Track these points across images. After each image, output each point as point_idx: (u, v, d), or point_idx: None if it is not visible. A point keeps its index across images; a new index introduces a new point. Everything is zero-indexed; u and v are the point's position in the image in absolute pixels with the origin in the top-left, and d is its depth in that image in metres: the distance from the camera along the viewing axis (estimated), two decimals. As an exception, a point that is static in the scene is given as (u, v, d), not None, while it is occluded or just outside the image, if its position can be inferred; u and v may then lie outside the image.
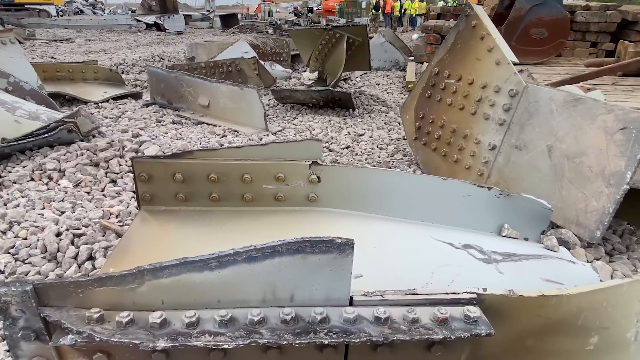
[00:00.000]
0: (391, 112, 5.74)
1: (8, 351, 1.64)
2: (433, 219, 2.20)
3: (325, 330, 1.08)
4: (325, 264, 1.12)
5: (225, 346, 1.03)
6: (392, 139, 4.57)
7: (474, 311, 1.13)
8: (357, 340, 1.06)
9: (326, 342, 1.05)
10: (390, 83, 7.75)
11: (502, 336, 1.33)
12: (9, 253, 2.27)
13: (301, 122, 5.26)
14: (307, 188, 2.18)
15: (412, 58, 10.00)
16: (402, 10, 25.26)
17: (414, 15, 24.53)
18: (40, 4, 32.55)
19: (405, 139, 4.56)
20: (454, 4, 24.54)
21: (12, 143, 3.43)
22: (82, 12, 39.24)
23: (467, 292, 1.22)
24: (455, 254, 1.85)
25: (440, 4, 24.20)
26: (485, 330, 1.10)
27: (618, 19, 8.85)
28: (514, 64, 2.90)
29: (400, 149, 4.20)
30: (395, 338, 1.07)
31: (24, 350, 1.16)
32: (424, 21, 22.11)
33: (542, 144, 2.59)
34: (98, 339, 1.03)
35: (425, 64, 9.26)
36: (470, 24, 3.18)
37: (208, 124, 4.99)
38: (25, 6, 30.80)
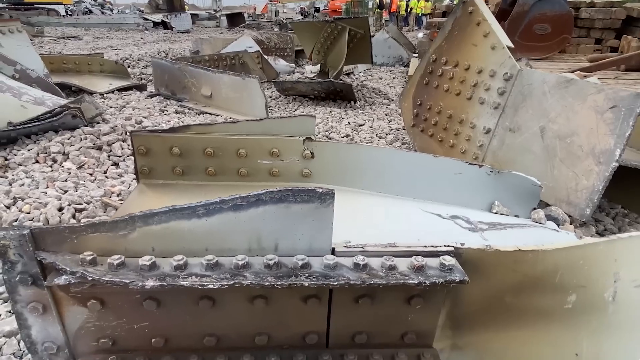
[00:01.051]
0: (392, 104, 5.78)
1: (10, 312, 1.71)
2: (424, 195, 2.24)
3: (307, 275, 1.13)
4: (307, 214, 1.17)
5: (210, 286, 1.08)
6: (391, 129, 4.61)
7: (449, 260, 1.18)
8: (336, 284, 1.11)
9: (306, 284, 1.10)
10: (393, 78, 7.78)
11: (481, 292, 1.38)
12: (12, 226, 2.34)
13: (302, 112, 5.32)
14: (301, 164, 2.23)
15: (416, 55, 10.02)
16: (408, 10, 25.26)
17: (420, 14, 24.52)
18: (50, 4, 32.94)
19: (405, 129, 4.61)
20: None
21: (18, 127, 3.52)
22: (90, 12, 39.61)
23: (444, 246, 1.27)
24: (442, 223, 1.89)
25: (446, 2, 24.15)
26: (459, 277, 1.15)
27: (623, 16, 8.82)
28: (509, 48, 2.93)
29: (399, 137, 4.24)
30: (372, 282, 1.12)
31: (22, 296, 1.23)
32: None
33: (535, 125, 2.62)
34: (90, 279, 1.09)
35: (429, 60, 9.31)
36: (467, 10, 3.22)
37: (210, 114, 5.06)
38: (35, 5, 31.18)
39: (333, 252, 1.23)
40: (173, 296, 1.27)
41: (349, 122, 4.86)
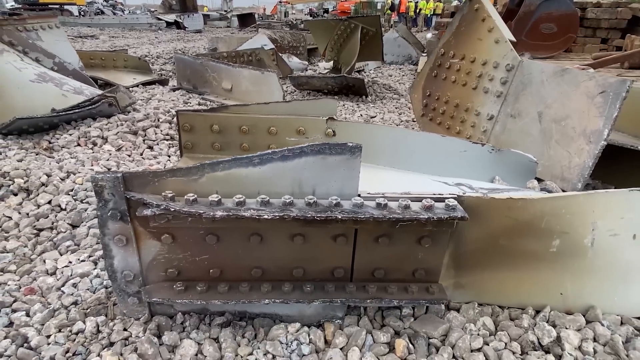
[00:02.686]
0: (402, 99, 6.06)
1: (80, 260, 2.03)
2: (433, 170, 2.53)
3: (339, 211, 1.43)
4: (339, 164, 1.47)
5: (265, 216, 1.39)
6: (401, 121, 4.90)
7: (452, 202, 1.47)
8: (363, 217, 1.41)
9: (339, 217, 1.40)
10: (403, 75, 8.06)
11: (479, 235, 1.67)
12: (69, 194, 2.67)
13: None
14: (324, 140, 2.52)
15: (425, 54, 10.29)
16: (417, 11, 25.48)
17: (429, 15, 24.74)
18: (64, 4, 33.56)
19: (414, 121, 4.90)
20: (469, 4, 24.68)
21: (60, 113, 3.86)
22: (102, 12, 40.25)
23: (449, 194, 1.56)
24: (448, 188, 2.18)
25: (455, 2, 24.37)
26: (460, 214, 1.44)
27: (629, 16, 9.02)
28: (511, 42, 3.21)
29: (409, 128, 4.52)
30: (391, 217, 1.42)
31: (110, 229, 1.54)
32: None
33: (534, 111, 2.90)
34: (172, 210, 1.40)
35: (437, 58, 9.57)
36: (473, 7, 3.50)
37: (231, 106, 5.38)
38: (49, 5, 31.82)
39: (359, 196, 1.53)
40: (230, 232, 1.57)
41: (361, 115, 5.15)
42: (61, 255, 2.14)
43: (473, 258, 1.72)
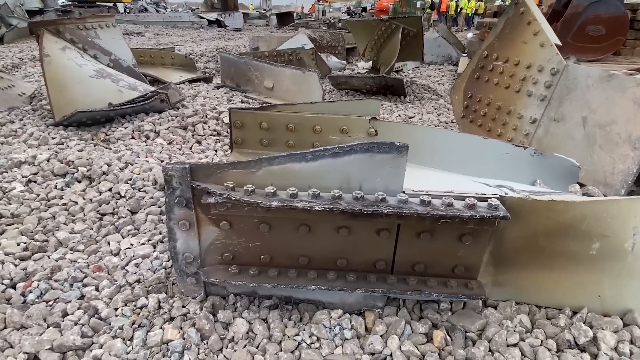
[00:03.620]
0: (441, 99, 6.06)
1: (141, 242, 2.21)
2: (473, 172, 2.58)
3: (385, 206, 1.53)
4: (386, 162, 1.57)
5: (316, 208, 1.50)
6: (440, 122, 4.92)
7: (495, 201, 1.54)
8: (407, 213, 1.50)
9: (385, 212, 1.50)
10: (442, 76, 8.02)
11: (519, 235, 1.72)
12: (127, 183, 2.89)
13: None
14: (366, 140, 2.62)
15: (465, 54, 10.16)
16: (458, 10, 25.02)
17: (470, 14, 24.24)
18: (111, 1, 35.00)
19: (453, 122, 4.91)
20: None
21: (117, 107, 4.14)
22: (146, 9, 41.70)
23: (491, 194, 1.63)
24: (489, 189, 2.23)
25: (497, 2, 23.78)
26: (502, 213, 1.51)
27: (684, 17, 8.56)
28: (557, 46, 3.19)
29: (448, 129, 4.54)
30: (434, 213, 1.50)
31: (175, 215, 1.70)
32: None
33: (578, 115, 2.89)
34: (233, 198, 1.54)
35: (478, 59, 9.43)
36: (519, 10, 3.50)
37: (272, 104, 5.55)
38: (97, 3, 33.27)
39: (404, 193, 1.62)
40: (281, 222, 1.70)
41: (399, 115, 5.20)
42: (123, 238, 2.34)
43: (512, 257, 1.77)
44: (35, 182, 2.88)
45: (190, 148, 3.77)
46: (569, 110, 2.97)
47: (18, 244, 2.22)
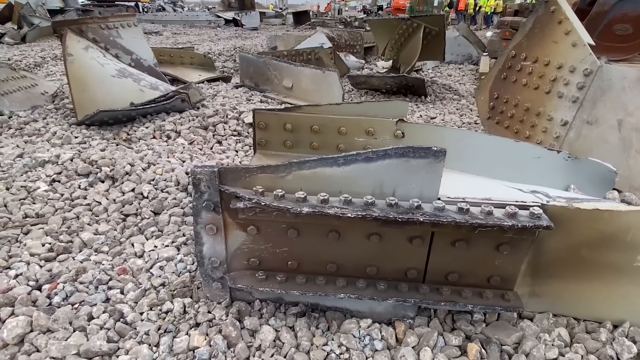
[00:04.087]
0: (463, 100, 5.94)
1: (165, 244, 2.18)
2: (504, 176, 2.49)
3: (420, 213, 1.46)
4: (422, 167, 1.50)
5: (348, 215, 1.45)
6: (463, 122, 4.81)
7: (538, 210, 1.46)
8: (445, 221, 1.44)
9: (421, 219, 1.44)
10: (463, 75, 7.88)
11: (560, 244, 1.64)
12: (150, 184, 2.87)
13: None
14: (392, 142, 2.56)
15: (486, 53, 9.97)
16: (477, 8, 24.64)
17: (489, 13, 23.85)
18: (131, 0, 35.43)
19: (477, 123, 4.80)
20: (533, 1, 23.53)
21: (138, 107, 4.14)
22: (163, 9, 42.11)
23: (532, 202, 1.55)
24: (524, 196, 2.14)
25: (518, 0, 23.32)
26: (545, 223, 1.43)
27: None
28: (590, 45, 3.07)
29: (472, 130, 4.43)
30: (474, 222, 1.43)
31: (203, 219, 1.67)
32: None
33: (613, 118, 2.77)
34: (263, 204, 1.49)
35: (499, 59, 9.24)
36: (549, 9, 3.38)
37: (291, 104, 5.51)
38: (116, 2, 33.68)
39: (439, 199, 1.56)
40: (310, 228, 1.65)
41: (420, 115, 5.11)
42: (147, 239, 2.32)
43: (551, 267, 1.69)
44: (59, 181, 2.89)
45: (211, 148, 3.76)
46: (603, 113, 2.86)
47: (43, 245, 2.22)
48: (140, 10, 35.47)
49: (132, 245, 2.27)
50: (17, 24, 13.96)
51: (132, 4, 34.82)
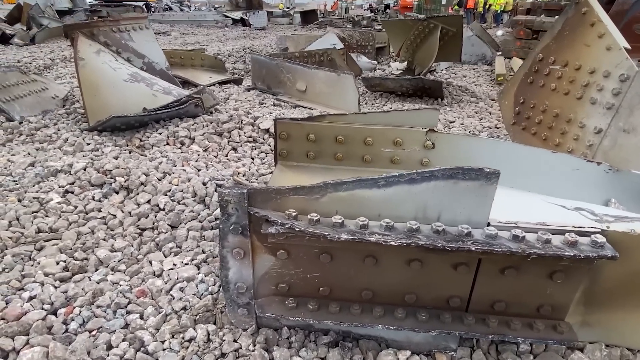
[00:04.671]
0: (481, 102, 5.78)
1: (184, 262, 2.07)
2: (541, 189, 2.35)
3: (471, 241, 1.34)
4: (472, 190, 1.37)
5: (392, 243, 1.33)
6: (483, 127, 4.66)
7: (600, 238, 1.33)
8: (499, 250, 1.31)
9: (472, 249, 1.31)
10: (478, 76, 7.71)
11: (619, 273, 1.50)
12: (166, 195, 2.77)
13: (391, 108, 5.50)
14: (421, 153, 2.43)
15: (499, 53, 9.79)
16: (487, 7, 24.35)
17: (499, 11, 23.56)
18: (137, 0, 35.38)
19: (497, 127, 4.65)
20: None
21: (151, 113, 4.04)
22: (170, 8, 42.10)
23: (591, 227, 1.42)
24: (568, 214, 2.00)
25: (530, -1, 23.00)
26: (610, 253, 1.30)
27: None
28: (625, 49, 2.92)
29: (494, 135, 4.29)
30: (532, 252, 1.30)
31: (230, 242, 1.55)
32: (510, 18, 21.22)
33: (654, 126, 2.62)
34: (297, 229, 1.37)
35: (515, 59, 9.05)
36: (580, 10, 3.23)
37: (305, 107, 5.39)
38: (123, 2, 33.69)
39: (488, 225, 1.43)
40: (345, 252, 1.53)
41: (439, 119, 4.96)
42: (165, 257, 2.21)
43: (607, 296, 1.56)
44: (72, 192, 2.79)
45: (227, 155, 3.64)
46: (643, 121, 2.70)
47: (57, 263, 2.11)
48: (149, 10, 35.43)
49: (150, 263, 2.16)
50: (26, 25, 13.96)
51: (142, 3, 34.74)
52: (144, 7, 33.57)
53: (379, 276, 1.57)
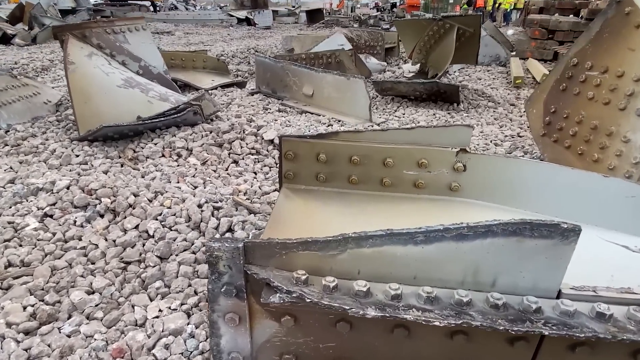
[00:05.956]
0: (499, 107, 5.42)
1: (171, 308, 1.75)
2: (590, 219, 2.00)
3: (542, 321, 1.00)
4: (541, 250, 1.04)
5: (437, 323, 0.99)
6: (505, 136, 4.31)
7: None
8: (582, 336, 0.97)
9: (545, 333, 0.97)
10: (493, 78, 7.33)
11: None
12: (157, 219, 2.45)
13: (404, 114, 5.16)
14: (450, 176, 2.09)
15: (513, 53, 9.40)
16: (496, 5, 23.87)
17: (508, 10, 23.07)
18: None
19: (520, 136, 4.29)
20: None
21: (146, 121, 3.73)
22: (176, 7, 41.83)
23: (697, 298, 1.07)
24: (633, 258, 1.66)
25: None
26: None
27: None
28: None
29: (518, 145, 3.93)
30: (624, 337, 0.96)
31: (221, 306, 1.22)
32: (519, 16, 20.73)
33: None
34: (309, 300, 1.04)
35: (531, 60, 8.67)
36: (623, 10, 2.87)
37: (312, 113, 5.06)
38: (128, 1, 33.45)
39: (559, 294, 1.09)
40: (367, 322, 1.19)
41: (456, 127, 4.61)
42: (151, 300, 1.89)
43: None
44: (51, 216, 2.47)
45: (227, 169, 3.32)
46: None
47: (25, 308, 1.80)
48: (156, 9, 35.12)
49: (133, 308, 1.84)
50: (28, 25, 13.72)
51: (148, 3, 34.45)
52: (150, 6, 33.34)
53: (411, 350, 1.23)
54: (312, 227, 1.97)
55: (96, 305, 1.84)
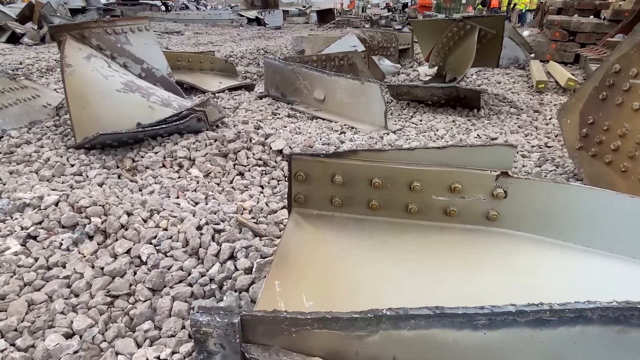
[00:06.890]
0: (523, 114, 5.09)
1: (158, 358, 1.48)
2: (654, 256, 1.70)
3: None
4: (653, 343, 0.75)
5: None
6: (532, 146, 3.99)
7: None
8: None
9: None
10: (514, 82, 6.98)
11: None
12: (151, 243, 2.19)
13: (421, 121, 4.85)
14: (488, 203, 1.80)
15: (532, 55, 9.04)
16: (511, 6, 23.38)
17: (523, 10, 22.57)
18: (152, -1, 35.05)
19: (549, 147, 3.97)
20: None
21: (146, 128, 3.48)
22: (187, 7, 41.78)
23: None
24: None
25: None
26: None
27: None
28: None
29: (548, 158, 3.61)
30: None
31: (213, 390, 0.94)
32: (534, 17, 20.24)
33: None
34: (328, 408, 0.76)
35: (552, 63, 8.30)
36: (677, 10, 2.54)
37: (323, 119, 4.78)
38: (140, 1, 33.42)
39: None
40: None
41: (478, 135, 4.31)
42: (138, 347, 1.62)
43: None
44: (35, 238, 2.23)
45: (231, 182, 3.05)
46: None
47: (-9, 355, 1.54)
48: (167, 9, 35.02)
49: (116, 356, 1.57)
50: (38, 24, 13.63)
51: (159, 2, 34.35)
52: (162, 6, 33.27)
53: None
54: (326, 263, 1.68)
55: (74, 353, 1.57)
